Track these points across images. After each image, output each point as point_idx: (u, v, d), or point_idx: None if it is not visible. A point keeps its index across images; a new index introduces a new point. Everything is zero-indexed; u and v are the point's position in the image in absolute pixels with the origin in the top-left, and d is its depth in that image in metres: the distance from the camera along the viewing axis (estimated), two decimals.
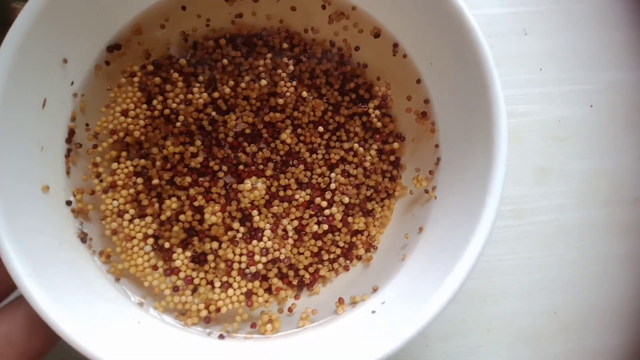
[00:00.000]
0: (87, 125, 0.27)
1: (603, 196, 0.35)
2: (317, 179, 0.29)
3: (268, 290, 0.28)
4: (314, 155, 0.29)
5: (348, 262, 0.29)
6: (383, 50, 0.29)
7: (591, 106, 0.36)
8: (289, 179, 0.29)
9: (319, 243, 0.28)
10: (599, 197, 0.35)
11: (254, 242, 0.27)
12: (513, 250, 0.34)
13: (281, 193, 0.29)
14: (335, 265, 0.29)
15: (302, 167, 0.29)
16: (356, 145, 0.29)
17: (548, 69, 0.36)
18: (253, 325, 0.26)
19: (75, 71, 0.26)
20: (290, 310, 0.27)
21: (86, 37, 0.26)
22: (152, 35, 0.29)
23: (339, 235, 0.29)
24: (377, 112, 0.29)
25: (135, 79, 0.28)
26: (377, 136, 0.29)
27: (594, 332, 0.34)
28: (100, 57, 0.27)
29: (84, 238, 0.26)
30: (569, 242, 0.34)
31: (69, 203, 0.26)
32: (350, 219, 0.29)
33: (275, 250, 0.27)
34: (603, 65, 0.36)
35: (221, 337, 0.26)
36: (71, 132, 0.26)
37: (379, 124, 0.29)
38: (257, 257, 0.27)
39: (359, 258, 0.29)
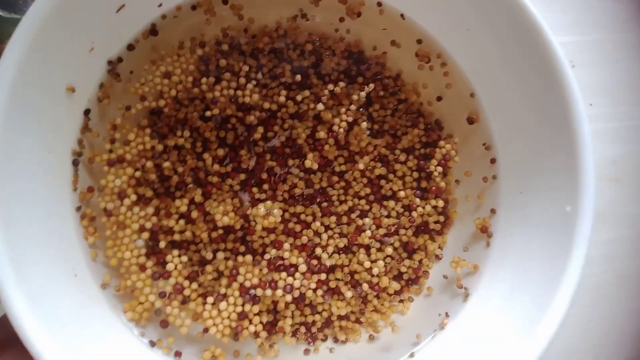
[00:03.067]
0: (131, 72, 0.25)
1: None
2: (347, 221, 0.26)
3: (266, 325, 0.24)
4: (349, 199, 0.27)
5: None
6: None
7: None
8: (310, 215, 0.26)
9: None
10: None
11: (283, 274, 0.24)
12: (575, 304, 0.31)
13: (296, 226, 0.26)
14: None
15: (333, 217, 0.26)
16: (412, 196, 0.26)
17: (598, 104, 0.34)
18: (177, 354, 0.23)
19: None
20: None
21: None
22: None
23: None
24: (440, 169, 0.27)
25: (199, 52, 0.25)
26: (434, 188, 0.27)
27: None
28: None
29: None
30: (631, 291, 0.32)
31: (87, 112, 0.24)
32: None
33: (307, 289, 0.24)
34: None
35: (152, 344, 0.23)
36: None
37: (442, 184, 0.26)
38: (279, 292, 0.23)
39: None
